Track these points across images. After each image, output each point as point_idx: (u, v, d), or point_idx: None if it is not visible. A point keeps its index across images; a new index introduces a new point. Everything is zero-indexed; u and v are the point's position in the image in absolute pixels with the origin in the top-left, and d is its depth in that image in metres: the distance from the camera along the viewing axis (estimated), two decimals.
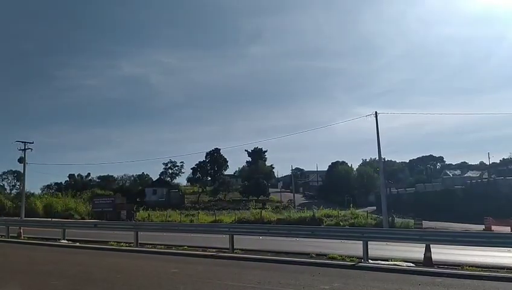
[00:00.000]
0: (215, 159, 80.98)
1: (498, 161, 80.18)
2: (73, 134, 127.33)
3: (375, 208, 56.81)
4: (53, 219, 40.51)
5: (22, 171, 49.53)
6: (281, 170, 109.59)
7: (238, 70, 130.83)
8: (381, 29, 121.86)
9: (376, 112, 36.38)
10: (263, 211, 49.28)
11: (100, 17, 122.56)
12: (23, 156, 47.07)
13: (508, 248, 14.05)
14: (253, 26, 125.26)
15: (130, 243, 17.57)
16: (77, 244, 18.35)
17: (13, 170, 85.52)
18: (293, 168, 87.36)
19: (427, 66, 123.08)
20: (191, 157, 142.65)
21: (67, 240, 19.44)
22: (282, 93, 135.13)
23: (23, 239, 20.80)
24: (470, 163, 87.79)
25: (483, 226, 33.78)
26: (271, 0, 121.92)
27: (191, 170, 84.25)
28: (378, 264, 12.11)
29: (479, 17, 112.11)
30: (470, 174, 70.27)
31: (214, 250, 15.60)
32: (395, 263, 12.26)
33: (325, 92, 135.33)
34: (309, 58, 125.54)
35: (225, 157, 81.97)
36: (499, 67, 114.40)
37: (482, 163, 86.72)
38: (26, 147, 46.82)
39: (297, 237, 17.51)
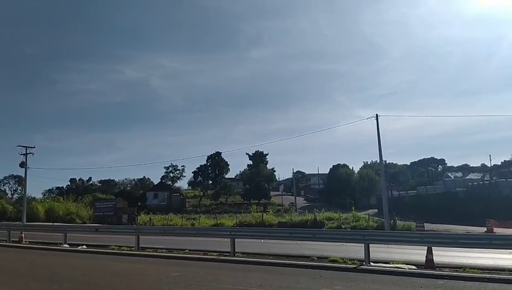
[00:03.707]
0: (216, 162, 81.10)
1: (499, 163, 79.93)
2: (74, 138, 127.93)
3: (376, 210, 56.69)
4: (54, 223, 40.54)
5: (23, 176, 49.63)
6: (282, 173, 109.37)
7: (239, 73, 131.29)
8: (382, 31, 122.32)
9: (377, 115, 36.37)
10: (264, 214, 49.18)
11: (102, 22, 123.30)
12: (24, 160, 47.17)
13: (510, 250, 14.00)
14: (254, 29, 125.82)
15: (132, 247, 17.60)
16: (79, 248, 18.35)
17: (15, 174, 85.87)
18: (294, 171, 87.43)
19: (428, 67, 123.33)
20: (192, 161, 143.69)
21: (69, 244, 19.47)
22: (283, 97, 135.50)
23: (25, 244, 20.83)
24: (471, 165, 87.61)
25: (485, 228, 33.62)
26: (271, 3, 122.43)
27: (192, 174, 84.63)
28: (379, 266, 12.09)
29: (480, 17, 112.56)
30: (471, 176, 70.09)
31: (215, 253, 15.60)
32: (397, 265, 12.24)
33: (327, 94, 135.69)
34: (310, 60, 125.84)
35: (226, 160, 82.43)
36: (500, 68, 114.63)
37: (483, 165, 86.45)
38: (27, 152, 46.96)
39: (298, 240, 17.48)
